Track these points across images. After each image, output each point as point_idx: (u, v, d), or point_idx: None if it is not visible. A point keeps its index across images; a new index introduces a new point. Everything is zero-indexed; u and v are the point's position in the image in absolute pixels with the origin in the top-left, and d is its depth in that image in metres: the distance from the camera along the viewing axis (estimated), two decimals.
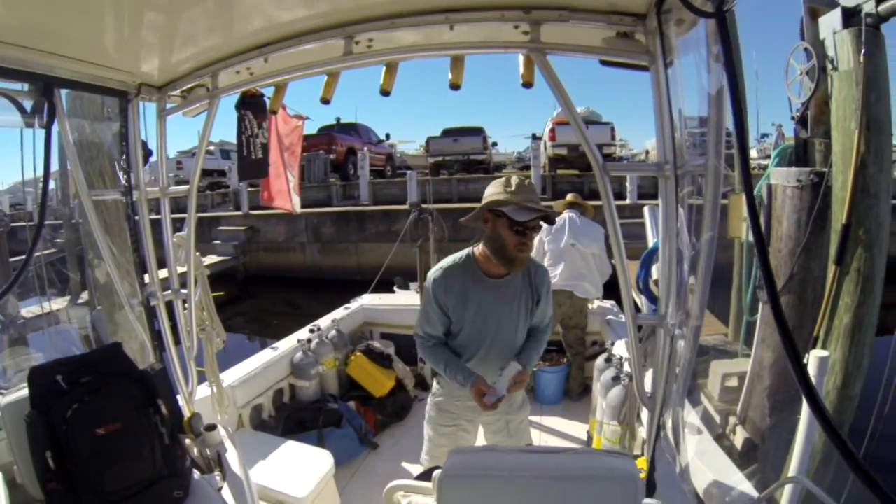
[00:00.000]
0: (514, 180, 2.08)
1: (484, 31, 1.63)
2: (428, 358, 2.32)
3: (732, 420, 4.94)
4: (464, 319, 2.23)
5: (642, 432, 2.76)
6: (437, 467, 1.37)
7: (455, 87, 1.80)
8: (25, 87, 1.87)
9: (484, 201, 2.11)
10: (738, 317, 5.91)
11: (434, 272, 2.26)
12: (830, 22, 4.18)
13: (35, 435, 1.68)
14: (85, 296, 8.21)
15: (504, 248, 2.06)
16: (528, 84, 1.65)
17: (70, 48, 1.76)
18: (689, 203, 1.52)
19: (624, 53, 1.55)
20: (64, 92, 2.03)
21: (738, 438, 4.73)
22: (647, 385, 1.78)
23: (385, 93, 1.86)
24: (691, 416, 2.39)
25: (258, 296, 14.55)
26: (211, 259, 13.93)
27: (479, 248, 2.23)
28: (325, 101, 1.93)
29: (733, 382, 5.14)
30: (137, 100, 2.23)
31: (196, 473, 2.07)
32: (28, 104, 1.91)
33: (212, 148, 21.09)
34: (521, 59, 1.66)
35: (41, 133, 1.98)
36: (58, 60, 1.81)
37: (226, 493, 2.04)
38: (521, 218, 1.98)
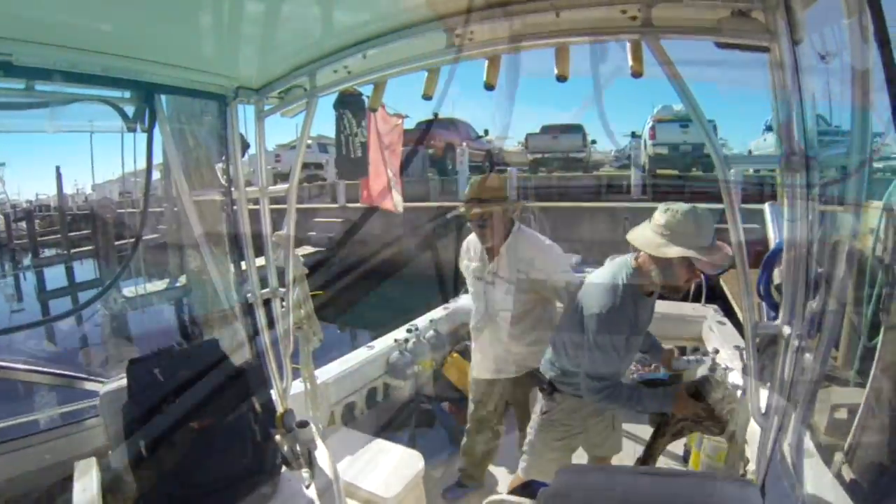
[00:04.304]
0: (704, 223, 1.93)
1: (591, 16, 1.51)
2: (617, 402, 2.11)
3: (839, 457, 4.44)
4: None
5: (748, 451, 2.53)
6: (534, 482, 1.27)
7: (562, 78, 1.67)
8: (126, 93, 1.94)
9: (671, 235, 1.93)
10: (851, 339, 5.32)
11: (608, 296, 2.07)
12: None
13: (130, 424, 1.74)
14: (182, 279, 8.79)
15: (676, 279, 2.00)
16: (637, 73, 1.52)
17: (169, 55, 1.81)
18: (817, 199, 1.35)
19: (740, 33, 1.38)
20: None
21: (844, 478, 4.25)
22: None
23: (490, 87, 1.77)
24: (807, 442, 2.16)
25: (351, 287, 14.56)
26: (306, 249, 14.29)
27: (642, 261, 2.10)
28: (428, 97, 1.86)
29: (842, 414, 4.63)
30: (236, 102, 2.26)
31: (284, 470, 2.09)
32: (129, 110, 1.99)
33: (309, 142, 21.45)
34: (628, 47, 1.53)
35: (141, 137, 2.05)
36: (158, 67, 1.86)
37: (313, 490, 2.04)
38: (714, 272, 1.96)
